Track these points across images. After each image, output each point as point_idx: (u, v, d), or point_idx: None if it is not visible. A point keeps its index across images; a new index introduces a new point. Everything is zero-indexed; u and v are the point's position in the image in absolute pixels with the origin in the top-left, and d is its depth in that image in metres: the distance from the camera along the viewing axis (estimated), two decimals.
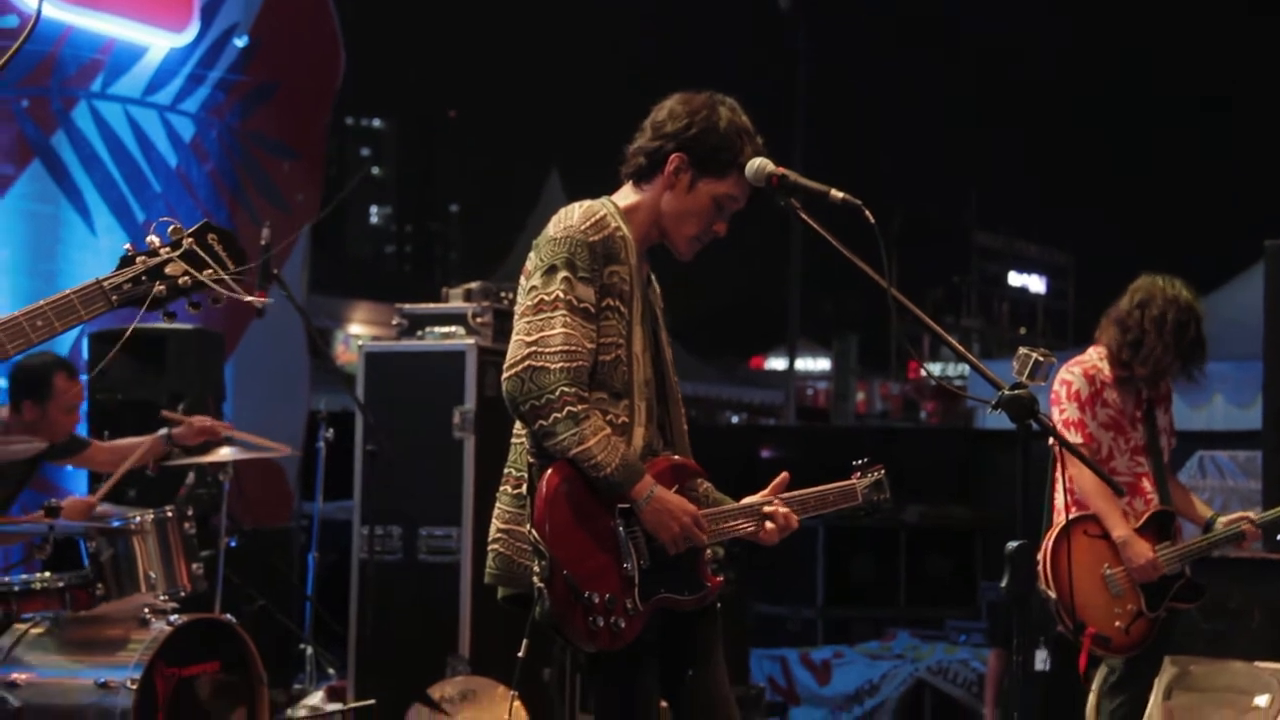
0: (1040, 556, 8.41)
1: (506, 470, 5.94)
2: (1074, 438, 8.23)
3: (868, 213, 5.38)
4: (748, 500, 6.09)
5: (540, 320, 5.68)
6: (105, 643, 8.72)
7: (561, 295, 5.67)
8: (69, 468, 9.59)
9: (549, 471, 5.64)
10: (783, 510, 6.01)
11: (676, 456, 5.97)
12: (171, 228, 4.29)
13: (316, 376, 13.78)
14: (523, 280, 5.87)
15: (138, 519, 8.97)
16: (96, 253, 12.15)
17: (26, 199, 11.84)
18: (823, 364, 45.51)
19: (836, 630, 15.93)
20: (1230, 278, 21.26)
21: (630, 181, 6.02)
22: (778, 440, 24.58)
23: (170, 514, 9.06)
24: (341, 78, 14.20)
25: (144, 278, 4.18)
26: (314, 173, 14.04)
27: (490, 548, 5.84)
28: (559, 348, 5.62)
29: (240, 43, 13.21)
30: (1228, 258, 20.36)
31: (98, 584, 8.94)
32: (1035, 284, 66.64)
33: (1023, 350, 5.41)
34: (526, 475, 5.79)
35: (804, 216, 5.53)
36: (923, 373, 47.44)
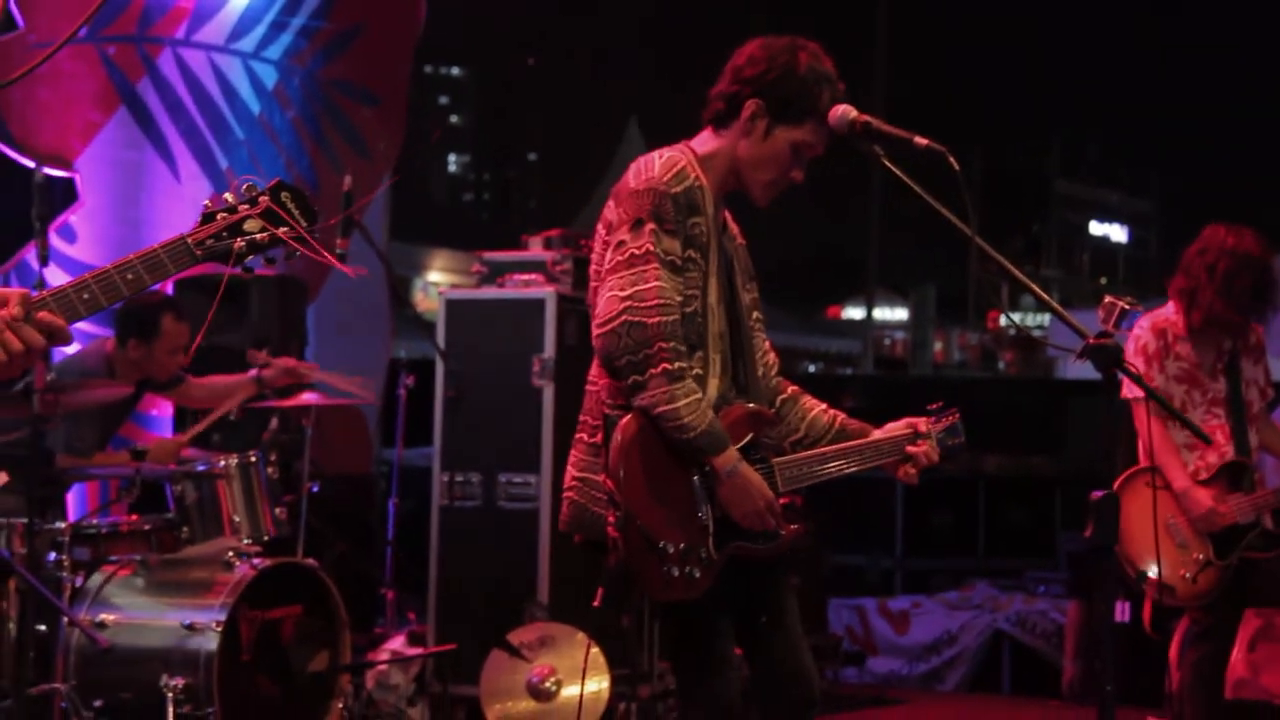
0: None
1: (582, 418, 5.94)
2: (1136, 391, 8.19)
3: (952, 159, 5.35)
4: (880, 434, 6.15)
5: (634, 274, 5.63)
6: (191, 585, 8.79)
7: (652, 249, 5.64)
8: (155, 413, 9.63)
9: (625, 420, 5.63)
10: (922, 450, 6.07)
11: (752, 405, 5.94)
12: (247, 185, 4.30)
13: (397, 324, 13.81)
14: (601, 231, 5.87)
15: (222, 463, 9.03)
16: (181, 199, 12.19)
17: (113, 145, 11.88)
18: (900, 313, 45.44)
19: (915, 581, 15.91)
20: None
21: (710, 127, 5.98)
22: (855, 390, 24.56)
23: (254, 459, 9.11)
24: (423, 24, 14.21)
25: (225, 234, 4.20)
26: (395, 119, 14.05)
27: (565, 495, 5.87)
28: (655, 301, 5.59)
29: None
30: None
31: (183, 527, 9.01)
32: (1117, 233, 66.30)
33: (1108, 298, 5.38)
34: (602, 425, 5.78)
35: (887, 163, 5.51)
36: (1003, 321, 47.21)
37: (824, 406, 6.28)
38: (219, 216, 4.25)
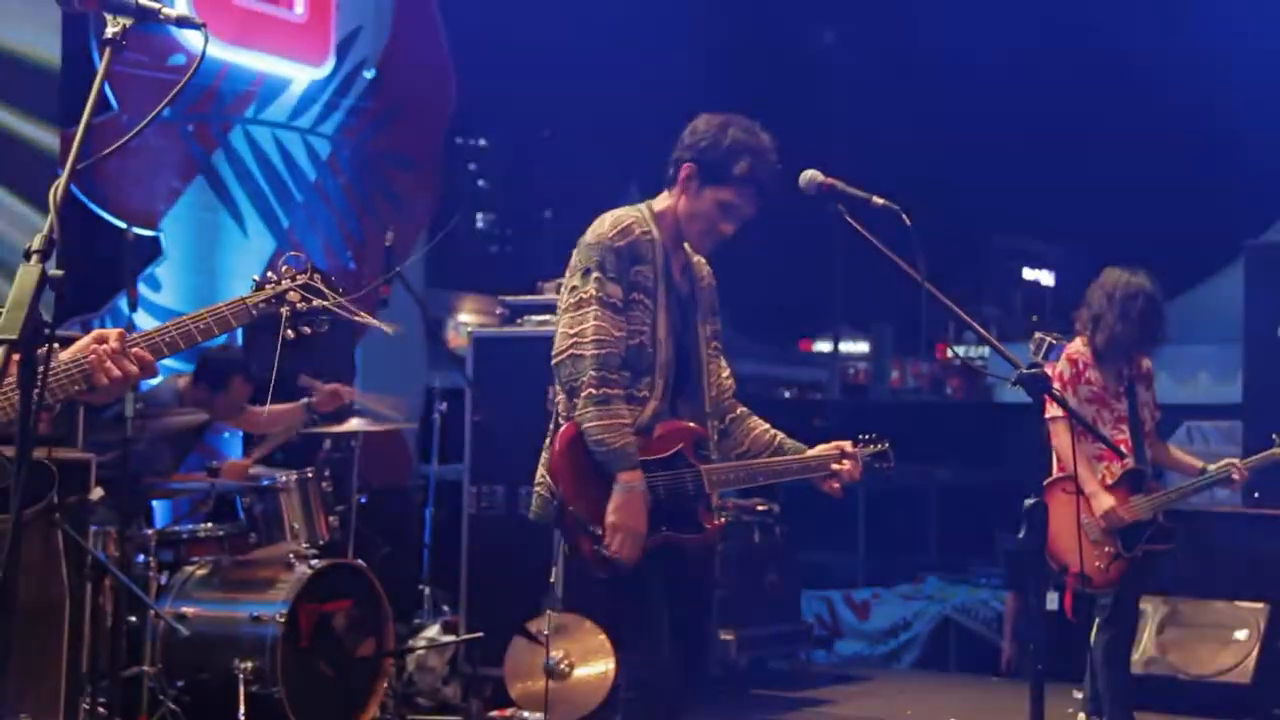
0: None
1: (549, 429, 6.04)
2: (1054, 412, 8.34)
3: (904, 216, 5.43)
4: (812, 453, 6.22)
5: (580, 315, 5.82)
6: (257, 582, 8.86)
7: (594, 293, 5.81)
8: (226, 435, 9.70)
9: (563, 429, 5.83)
10: (846, 468, 6.17)
11: (691, 424, 6.02)
12: (285, 266, 4.39)
13: (432, 358, 13.82)
14: (567, 276, 6.01)
15: (284, 479, 9.10)
16: (248, 252, 12.24)
17: (192, 208, 11.93)
18: (862, 346, 45.40)
19: (875, 575, 15.93)
20: (1214, 273, 21.13)
21: (666, 188, 6.13)
22: (824, 412, 24.59)
23: (310, 475, 9.19)
24: (453, 103, 14.27)
25: (273, 300, 4.29)
26: (430, 183, 14.09)
27: (534, 490, 5.99)
28: (592, 338, 5.76)
29: (369, 75, 13.27)
30: (1212, 255, 20.16)
31: (251, 533, 9.11)
32: (1045, 278, 66.36)
33: (1038, 334, 5.51)
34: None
35: (849, 219, 5.58)
36: (949, 354, 47.26)
37: (766, 426, 6.36)
38: (266, 287, 4.33)
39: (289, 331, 4.39)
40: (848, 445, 6.20)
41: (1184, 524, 9.37)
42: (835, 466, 6.14)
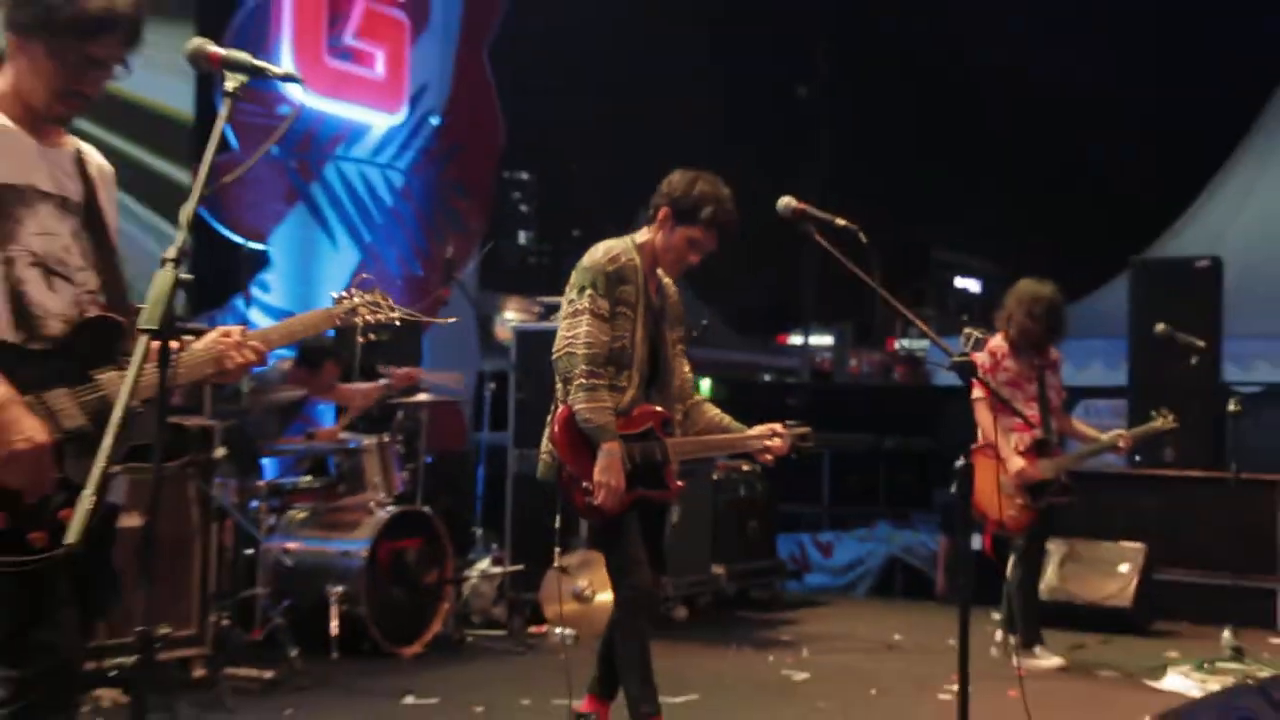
0: None
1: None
2: (978, 394, 8.50)
3: (861, 234, 5.47)
4: (751, 433, 6.40)
5: (574, 322, 6.09)
6: (346, 524, 8.91)
7: (587, 306, 6.05)
8: (320, 408, 9.74)
9: (560, 409, 6.10)
10: (776, 444, 6.32)
11: (659, 408, 6.26)
12: (355, 289, 4.45)
13: (483, 347, 13.84)
14: (567, 289, 6.22)
15: (366, 442, 9.12)
16: (337, 262, 12.27)
17: (294, 227, 11.94)
18: (828, 339, 45.33)
19: (836, 521, 15.91)
20: (1106, 282, 21.09)
21: (646, 225, 6.33)
22: (796, 393, 24.51)
23: (387, 439, 9.21)
24: (502, 143, 14.28)
25: (347, 314, 4.34)
26: (483, 207, 14.11)
27: (540, 457, 6.19)
28: (583, 341, 6.02)
29: (434, 122, 13.28)
30: (1105, 268, 20.13)
31: (340, 485, 9.15)
32: (973, 285, 66.24)
33: (967, 330, 5.53)
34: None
35: (818, 237, 5.60)
36: (896, 347, 47.27)
37: (717, 411, 6.57)
38: (343, 302, 4.38)
39: (359, 337, 4.43)
40: (779, 426, 6.34)
41: (1081, 481, 9.43)
42: (768, 443, 6.29)
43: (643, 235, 6.32)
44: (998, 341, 9.03)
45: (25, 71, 3.71)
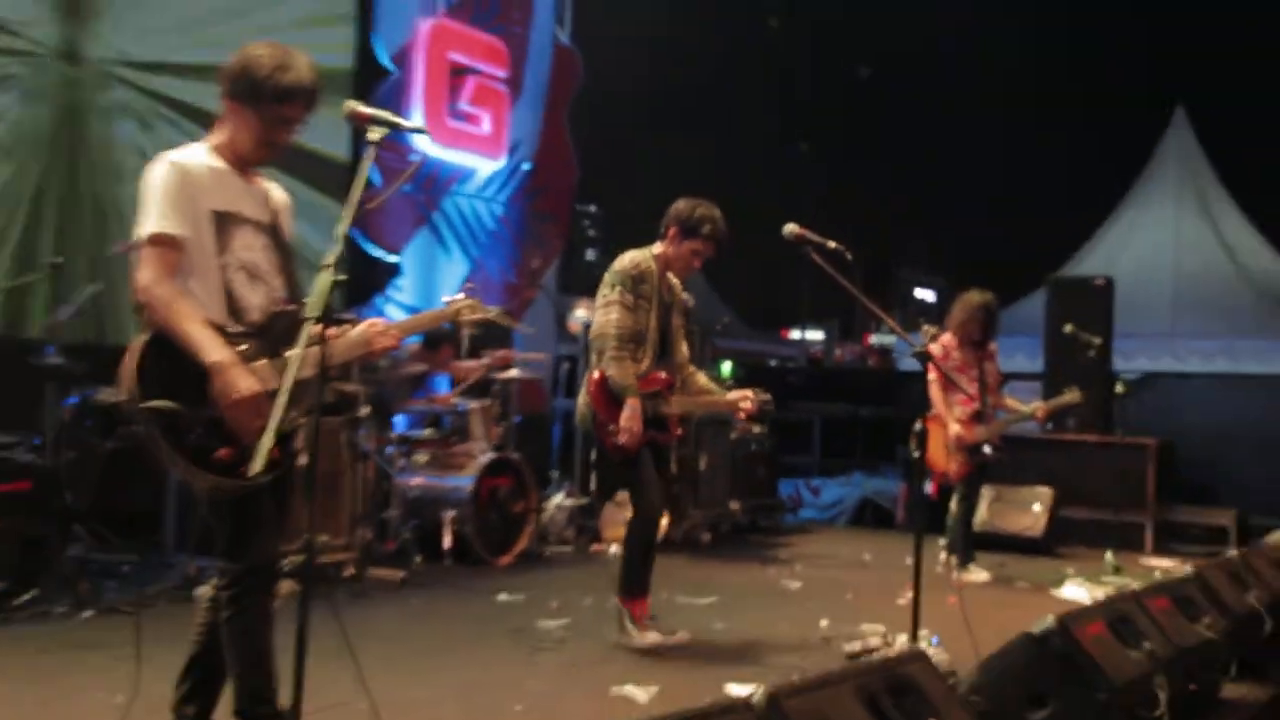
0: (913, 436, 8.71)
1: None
2: (932, 376, 8.56)
3: (847, 254, 5.50)
4: (729, 396, 6.56)
5: (608, 309, 6.25)
6: (456, 465, 8.91)
7: (618, 299, 6.25)
8: (439, 378, 9.77)
9: (596, 374, 6.25)
10: (747, 405, 6.44)
11: (664, 374, 6.40)
12: (462, 295, 4.50)
13: (559, 336, 13.85)
14: (602, 286, 6.39)
15: (472, 405, 9.17)
16: (452, 272, 12.28)
17: (420, 245, 11.97)
18: (819, 334, 45.17)
19: (825, 470, 15.90)
20: (1029, 292, 20.97)
21: (660, 240, 6.48)
22: (795, 375, 24.50)
23: (487, 403, 9.25)
24: (575, 182, 14.30)
25: (457, 312, 4.40)
26: (562, 231, 14.12)
27: (579, 410, 6.41)
28: (615, 324, 6.21)
29: (526, 166, 13.31)
30: (1029, 281, 20.01)
31: (452, 436, 9.16)
32: (929, 296, 65.88)
33: (925, 327, 5.52)
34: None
35: (814, 255, 5.62)
36: (871, 341, 47.11)
37: (706, 380, 6.69)
38: (451, 303, 4.44)
39: (463, 330, 4.54)
40: (750, 393, 6.47)
41: (1008, 443, 9.41)
42: (743, 405, 6.42)
43: (658, 248, 6.46)
44: (948, 338, 9.02)
45: (238, 128, 3.93)
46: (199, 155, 3.91)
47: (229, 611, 3.84)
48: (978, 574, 8.93)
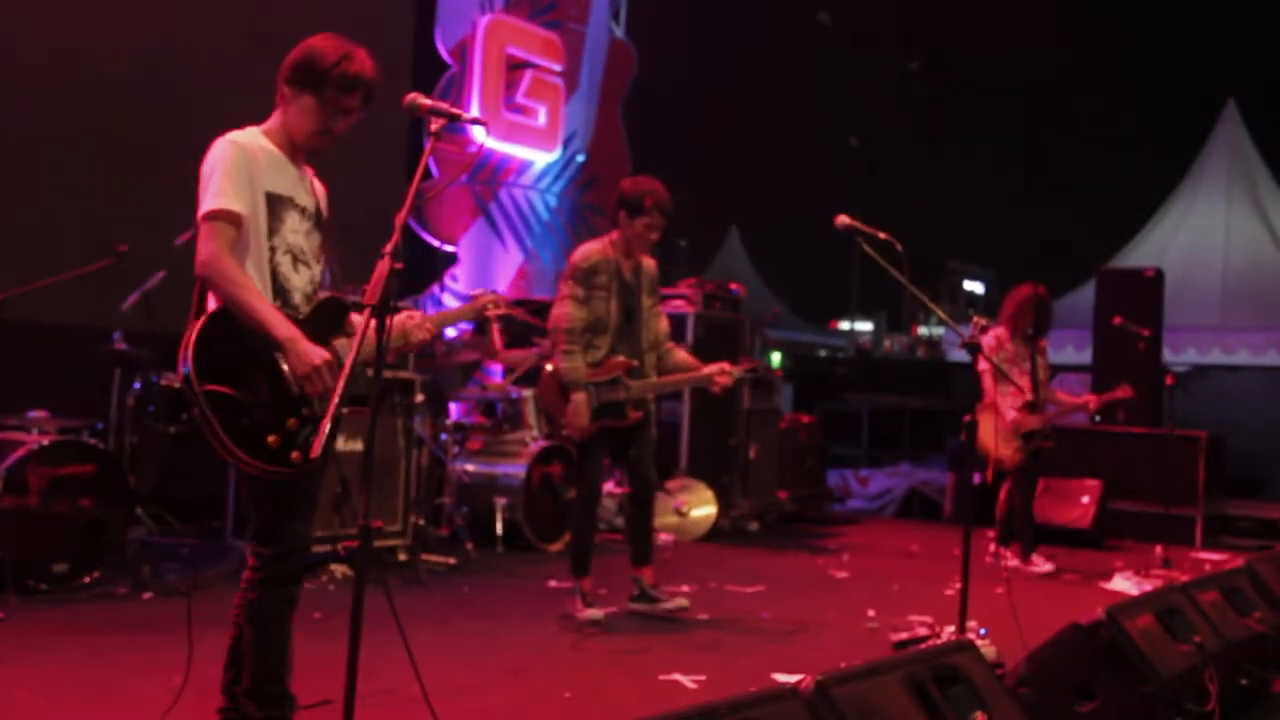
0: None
1: None
2: (984, 366, 8.42)
3: (897, 244, 5.43)
4: (706, 369, 6.46)
5: (560, 305, 6.38)
6: (508, 452, 8.91)
7: (568, 294, 6.37)
8: (492, 367, 9.78)
9: (547, 368, 6.48)
10: (723, 379, 6.37)
11: (622, 358, 6.41)
12: (482, 290, 4.56)
13: None
14: (559, 282, 6.54)
15: (525, 393, 9.15)
16: (507, 261, 12.34)
17: (477, 234, 12.01)
18: (868, 325, 45.09)
19: (872, 461, 15.84)
20: (1079, 285, 20.78)
21: (614, 226, 6.55)
22: (844, 365, 24.43)
23: (538, 390, 9.26)
24: (628, 175, 14.28)
25: (484, 305, 4.43)
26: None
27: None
28: (565, 318, 6.33)
29: (580, 159, 13.31)
30: (1078, 273, 19.88)
31: (504, 424, 9.16)
32: (978, 288, 65.52)
33: (975, 319, 5.45)
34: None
35: (864, 246, 5.56)
36: (919, 331, 46.90)
37: (685, 355, 6.69)
38: (478, 298, 4.51)
39: (495, 323, 4.59)
40: (726, 365, 6.41)
41: (1058, 435, 9.30)
42: (718, 378, 6.36)
43: (616, 232, 6.52)
44: (1001, 330, 8.92)
45: (294, 115, 3.93)
46: (256, 138, 3.92)
47: (254, 594, 3.85)
48: (1040, 566, 8.82)
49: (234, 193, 3.77)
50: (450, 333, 9.15)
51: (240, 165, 3.80)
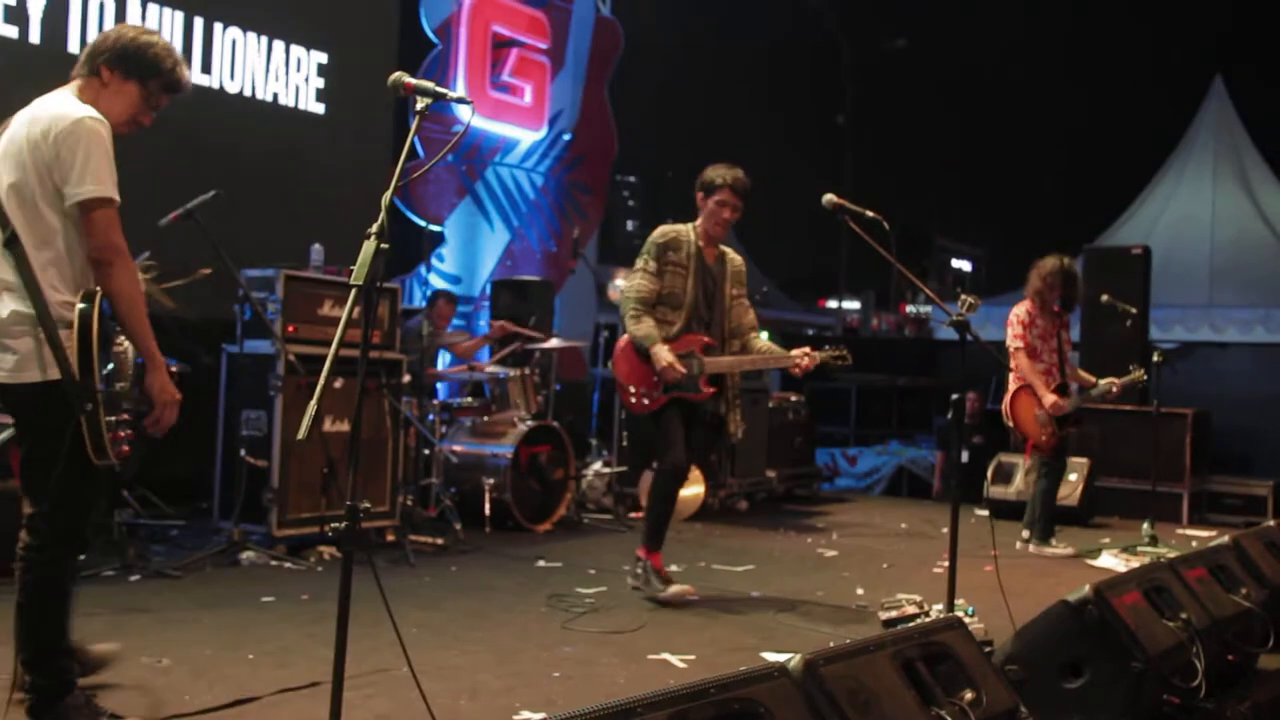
0: (1004, 406, 8.73)
1: None
2: (1018, 344, 8.57)
3: (885, 222, 5.42)
4: (792, 352, 6.32)
5: (631, 276, 6.48)
6: (496, 433, 8.90)
7: (640, 266, 6.46)
8: (486, 348, 9.79)
9: (621, 339, 6.48)
10: (805, 361, 6.23)
11: (701, 335, 6.45)
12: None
13: (599, 305, 13.85)
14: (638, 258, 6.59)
15: (512, 373, 9.14)
16: (494, 240, 12.33)
17: (463, 214, 11.99)
18: (855, 304, 45.04)
19: (861, 439, 15.88)
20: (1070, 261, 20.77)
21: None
22: (832, 344, 24.49)
23: (527, 372, 9.23)
24: (615, 154, 14.25)
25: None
26: (600, 202, 14.09)
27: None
28: (634, 287, 6.42)
29: (566, 137, 13.27)
30: (1067, 251, 19.86)
31: (492, 404, 9.15)
32: (965, 266, 65.47)
33: (963, 297, 5.44)
34: None
35: (852, 225, 5.56)
36: (907, 310, 46.91)
37: (765, 343, 6.64)
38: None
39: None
40: (809, 349, 6.31)
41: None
42: (801, 361, 6.25)
43: (699, 221, 6.57)
44: (1027, 306, 8.74)
45: (113, 99, 3.93)
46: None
47: (36, 565, 3.82)
48: (1062, 548, 8.75)
49: (113, 182, 3.75)
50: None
51: (111, 153, 3.78)
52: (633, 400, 6.41)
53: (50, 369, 3.66)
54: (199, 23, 9.19)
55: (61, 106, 3.78)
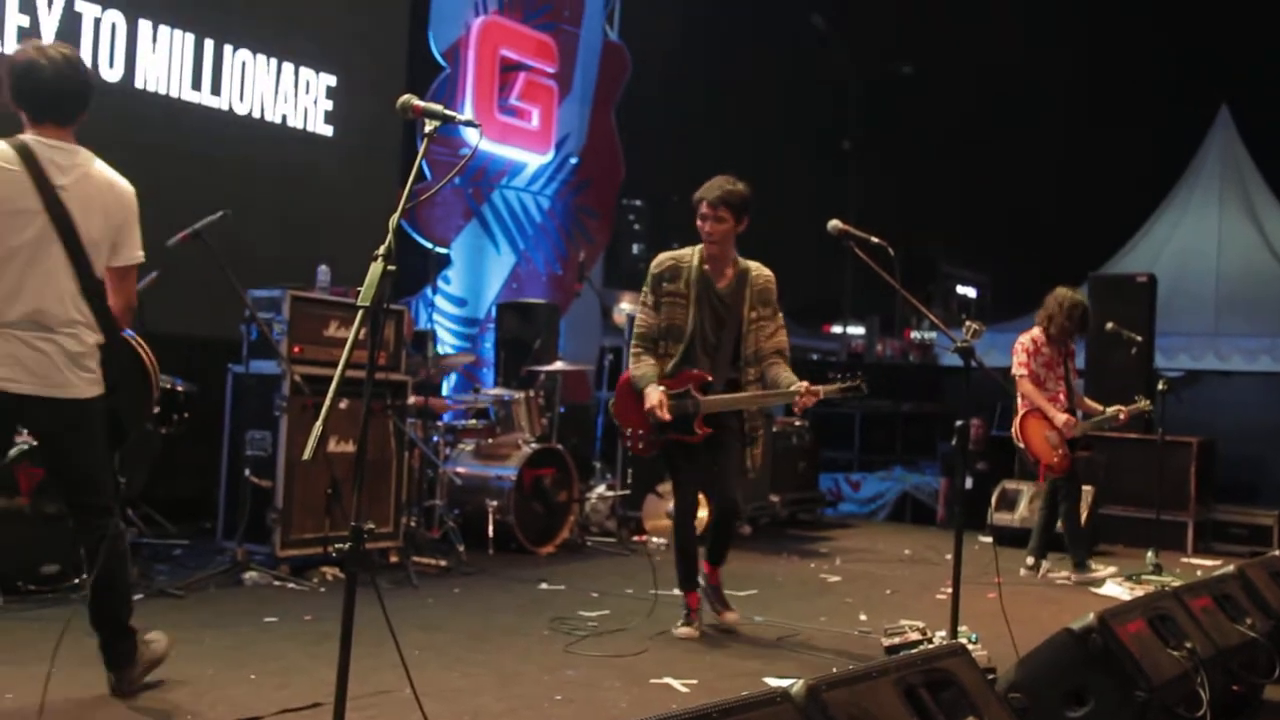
0: (1014, 429, 8.78)
1: None
2: (1022, 371, 8.62)
3: (889, 250, 5.42)
4: (791, 387, 5.93)
5: (638, 308, 6.39)
6: (500, 455, 8.90)
7: (640, 300, 6.36)
8: (485, 370, 9.76)
9: (624, 374, 6.36)
10: (806, 400, 5.84)
11: (697, 371, 6.19)
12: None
13: (604, 328, 13.85)
14: None
15: (517, 396, 9.14)
16: (500, 264, 12.32)
17: (469, 236, 11.98)
18: (860, 329, 45.01)
19: (864, 464, 15.87)
20: (1076, 289, 20.78)
21: None
22: (837, 370, 24.49)
23: (531, 394, 9.22)
24: (621, 178, 14.26)
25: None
26: (607, 225, 14.08)
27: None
28: (640, 324, 6.32)
29: (573, 161, 13.29)
30: (1070, 279, 19.84)
31: (496, 427, 9.13)
32: (970, 292, 65.45)
33: (968, 323, 5.44)
34: None
35: (857, 250, 5.55)
36: (912, 336, 46.91)
37: (784, 373, 6.11)
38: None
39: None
40: (809, 385, 5.85)
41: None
42: (799, 398, 5.87)
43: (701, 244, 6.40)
44: (1036, 333, 8.81)
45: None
46: None
47: (116, 538, 4.50)
48: (1103, 570, 8.78)
49: None
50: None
51: None
52: (628, 443, 6.35)
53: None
54: (209, 45, 9.24)
55: (112, 173, 4.51)
